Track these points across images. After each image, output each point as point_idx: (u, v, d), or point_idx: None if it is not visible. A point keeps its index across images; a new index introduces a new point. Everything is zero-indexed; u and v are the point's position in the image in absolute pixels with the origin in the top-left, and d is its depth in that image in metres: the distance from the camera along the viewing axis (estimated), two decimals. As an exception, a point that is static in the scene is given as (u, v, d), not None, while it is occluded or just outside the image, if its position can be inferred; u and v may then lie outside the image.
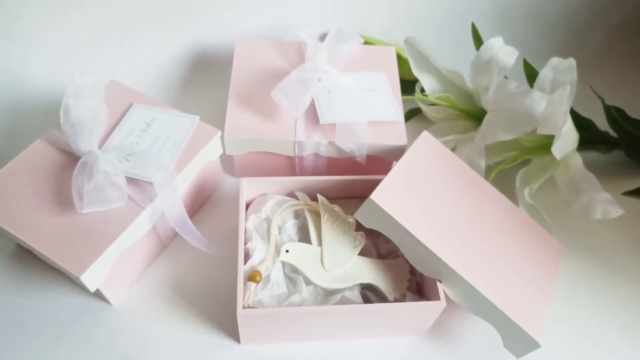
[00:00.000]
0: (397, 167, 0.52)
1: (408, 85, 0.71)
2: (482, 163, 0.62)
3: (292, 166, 0.63)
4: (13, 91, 0.67)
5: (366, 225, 0.50)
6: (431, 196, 0.52)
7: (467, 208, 0.54)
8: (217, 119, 0.62)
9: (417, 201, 0.51)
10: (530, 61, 0.68)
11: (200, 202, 0.62)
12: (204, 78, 0.74)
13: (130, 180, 0.51)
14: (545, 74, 0.63)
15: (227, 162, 0.64)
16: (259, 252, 0.51)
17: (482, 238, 0.53)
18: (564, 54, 0.63)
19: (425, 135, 0.58)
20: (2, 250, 0.57)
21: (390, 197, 0.49)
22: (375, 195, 0.48)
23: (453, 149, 0.66)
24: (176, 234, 0.58)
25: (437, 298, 0.48)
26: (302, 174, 0.64)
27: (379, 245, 0.56)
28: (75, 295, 0.54)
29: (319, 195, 0.54)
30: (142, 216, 0.50)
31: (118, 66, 0.70)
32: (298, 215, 0.56)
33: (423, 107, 0.68)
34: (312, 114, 0.59)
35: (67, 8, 0.66)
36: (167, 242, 0.58)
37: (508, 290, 0.49)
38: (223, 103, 0.61)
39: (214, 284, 0.56)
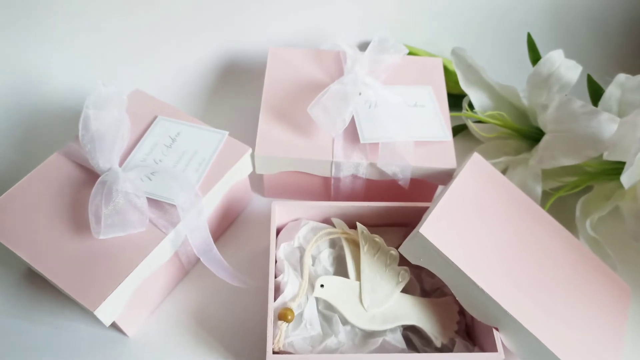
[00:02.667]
0: (448, 196, 0.46)
1: (454, 99, 0.65)
2: (538, 189, 0.56)
3: (326, 187, 0.58)
4: (33, 97, 0.63)
5: (413, 261, 0.45)
6: (485, 229, 0.47)
7: (525, 242, 0.49)
8: (247, 134, 0.57)
9: (470, 235, 0.45)
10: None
11: (226, 224, 0.57)
12: (234, 89, 0.69)
13: (152, 202, 0.47)
14: (612, 92, 0.56)
15: (256, 180, 0.60)
16: (291, 286, 0.46)
17: (542, 278, 0.47)
18: (627, 70, 0.56)
19: (477, 158, 0.52)
20: (13, 271, 0.53)
21: (441, 230, 0.43)
22: (425, 229, 0.43)
23: (503, 171, 0.60)
24: (200, 259, 0.53)
25: (494, 349, 0.42)
26: (337, 196, 0.58)
27: (423, 279, 0.51)
28: (89, 323, 0.50)
29: (358, 224, 0.49)
30: (164, 243, 0.45)
31: (143, 74, 0.65)
32: (334, 244, 0.51)
33: (471, 125, 0.62)
34: (351, 131, 0.53)
35: (90, 13, 0.62)
36: (189, 268, 0.54)
37: (574, 341, 0.43)
38: (253, 116, 0.57)
39: (239, 316, 0.51)
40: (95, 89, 0.51)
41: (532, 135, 0.61)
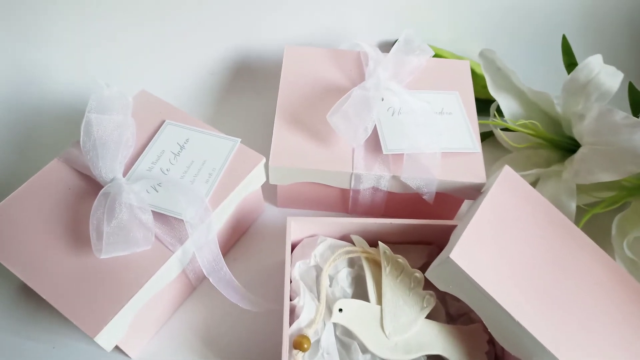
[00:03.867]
0: (479, 216, 0.43)
1: (480, 105, 0.61)
2: (573, 205, 0.52)
3: (344, 199, 0.54)
4: (33, 96, 0.60)
5: (441, 288, 0.41)
6: (518, 251, 0.43)
7: (560, 265, 0.45)
8: (260, 140, 0.53)
9: (503, 259, 0.41)
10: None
11: (237, 237, 0.54)
12: (246, 90, 0.65)
13: (158, 216, 0.43)
14: (655, 101, 0.52)
15: (269, 188, 0.56)
16: (308, 310, 0.42)
17: (578, 305, 0.43)
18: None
19: (507, 171, 0.48)
20: (8, 283, 0.50)
21: (473, 255, 0.40)
22: (456, 254, 0.39)
23: (533, 184, 0.56)
24: (208, 276, 0.49)
25: (528, 386, 0.38)
26: (355, 208, 0.55)
27: (448, 302, 0.47)
28: (89, 342, 0.47)
29: (380, 244, 0.45)
30: (171, 261, 0.42)
31: (149, 73, 0.61)
32: (352, 262, 0.47)
33: (500, 134, 0.58)
34: (372, 140, 0.49)
35: (94, 7, 0.58)
36: (197, 284, 0.50)
37: (616, 379, 0.40)
38: (267, 120, 0.53)
39: (250, 338, 0.47)
40: (98, 91, 0.48)
41: (564, 146, 0.57)
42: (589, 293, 0.44)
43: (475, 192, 0.50)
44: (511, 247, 0.43)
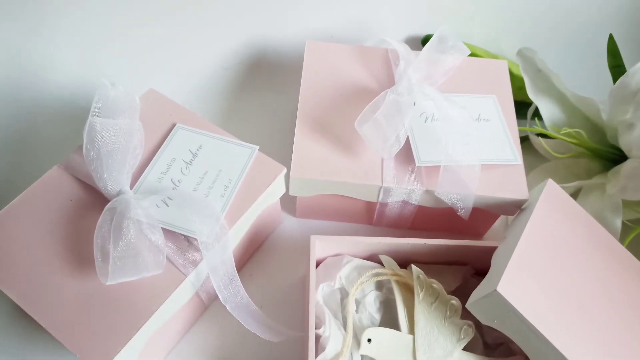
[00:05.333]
0: (524, 241, 0.39)
1: (515, 107, 0.56)
2: (618, 222, 0.48)
3: (369, 211, 0.50)
4: (34, 93, 0.55)
5: (484, 322, 0.37)
6: (567, 280, 0.39)
7: (609, 290, 0.41)
8: (278, 145, 0.49)
9: (551, 289, 0.37)
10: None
11: (252, 251, 0.50)
12: (263, 90, 0.60)
13: (169, 234, 0.39)
14: None
15: (287, 198, 0.51)
16: (334, 341, 0.39)
17: (629, 334, 0.39)
18: None
19: (551, 186, 0.44)
20: (3, 302, 0.46)
21: (521, 287, 0.36)
22: (504, 287, 0.35)
23: (573, 196, 0.52)
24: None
25: None
26: (380, 221, 0.51)
27: (484, 330, 0.43)
28: (93, 366, 0.43)
29: (414, 267, 0.41)
30: (184, 285, 0.38)
31: (158, 70, 0.56)
32: (381, 285, 0.43)
33: (538, 141, 0.53)
34: (403, 149, 0.45)
35: (99, 0, 0.53)
36: (209, 303, 0.46)
37: None
38: (285, 122, 0.48)
39: (267, 363, 0.44)
40: (102, 91, 0.43)
41: (608, 156, 0.52)
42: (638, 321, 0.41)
43: (514, 208, 0.45)
44: (559, 274, 0.39)
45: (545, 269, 0.38)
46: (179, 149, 0.44)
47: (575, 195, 0.53)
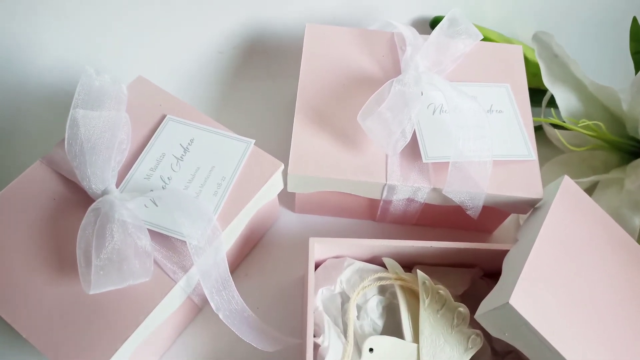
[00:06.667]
0: (539, 246, 0.36)
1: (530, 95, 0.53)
2: (636, 221, 0.45)
3: (372, 207, 0.47)
4: (16, 80, 0.51)
5: (494, 334, 0.35)
6: (584, 288, 0.37)
7: (629, 300, 0.39)
8: (276, 137, 0.46)
9: (568, 301, 0.35)
10: None
11: (248, 249, 0.47)
12: (261, 77, 0.56)
13: (158, 237, 0.37)
14: None
15: (285, 192, 0.49)
16: (334, 351, 0.36)
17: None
18: None
19: (567, 184, 0.41)
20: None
21: (536, 299, 0.33)
22: (517, 299, 0.32)
23: (588, 190, 0.49)
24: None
25: None
26: (384, 217, 0.48)
27: (493, 337, 0.41)
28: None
29: (419, 272, 0.39)
30: (174, 292, 0.36)
31: (147, 56, 0.53)
32: (384, 289, 0.41)
33: (555, 134, 0.50)
34: (409, 144, 0.42)
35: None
36: (203, 305, 0.44)
37: None
38: (283, 111, 0.45)
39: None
40: (86, 80, 0.40)
41: (627, 148, 0.49)
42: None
43: (527, 206, 0.42)
44: (575, 282, 0.36)
45: (561, 278, 0.36)
46: (170, 143, 0.41)
47: (590, 190, 0.50)
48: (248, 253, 0.47)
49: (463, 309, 0.38)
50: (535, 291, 0.34)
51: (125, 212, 0.35)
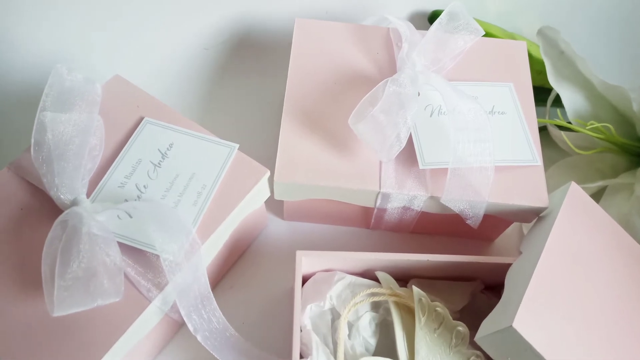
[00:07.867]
0: (544, 262, 0.33)
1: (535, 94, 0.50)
2: (647, 229, 0.42)
3: (366, 215, 0.44)
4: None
5: (495, 357, 0.32)
6: (592, 305, 0.34)
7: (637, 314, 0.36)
8: (263, 142, 0.43)
9: (575, 321, 0.32)
10: None
11: (233, 260, 0.45)
12: (249, 75, 0.53)
13: (132, 251, 0.34)
14: None
15: (273, 199, 0.46)
16: (322, 375, 0.34)
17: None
18: None
19: (575, 191, 0.38)
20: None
21: (540, 322, 0.31)
22: (520, 322, 0.30)
23: (595, 195, 0.46)
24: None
25: None
26: (378, 226, 0.45)
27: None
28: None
29: (415, 289, 0.36)
30: (148, 312, 0.33)
31: (125, 54, 0.50)
32: (377, 305, 0.38)
33: (561, 136, 0.47)
34: (405, 149, 0.39)
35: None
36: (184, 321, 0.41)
37: None
38: (271, 111, 0.42)
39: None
40: (56, 79, 0.37)
41: (637, 151, 0.46)
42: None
43: (532, 215, 0.40)
44: (583, 300, 0.33)
45: (569, 296, 0.33)
46: (147, 148, 0.38)
47: (598, 195, 0.47)
48: (234, 263, 0.45)
49: (462, 328, 0.35)
50: (541, 312, 0.31)
51: (94, 224, 0.32)
